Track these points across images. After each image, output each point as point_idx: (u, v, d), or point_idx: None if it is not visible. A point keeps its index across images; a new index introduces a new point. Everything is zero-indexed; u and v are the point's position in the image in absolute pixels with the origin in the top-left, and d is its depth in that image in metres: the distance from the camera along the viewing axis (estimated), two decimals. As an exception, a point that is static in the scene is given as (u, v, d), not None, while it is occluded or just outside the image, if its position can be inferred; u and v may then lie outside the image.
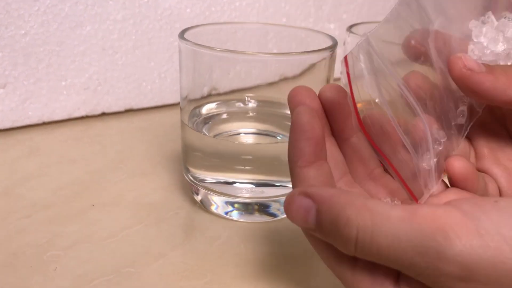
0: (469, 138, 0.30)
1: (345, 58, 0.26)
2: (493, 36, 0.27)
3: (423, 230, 0.20)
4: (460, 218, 0.20)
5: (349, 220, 0.21)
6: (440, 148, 0.27)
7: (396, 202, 0.27)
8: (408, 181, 0.27)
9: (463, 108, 0.28)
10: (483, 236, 0.20)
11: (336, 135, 0.29)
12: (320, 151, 0.26)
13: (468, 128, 0.28)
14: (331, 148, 0.28)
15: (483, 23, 0.28)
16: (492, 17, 0.28)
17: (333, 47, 0.36)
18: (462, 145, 0.29)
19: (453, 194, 0.27)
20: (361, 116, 0.28)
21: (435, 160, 0.26)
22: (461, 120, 0.28)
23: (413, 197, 0.27)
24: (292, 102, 0.27)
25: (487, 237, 0.20)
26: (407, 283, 0.22)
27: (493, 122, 0.30)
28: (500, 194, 0.29)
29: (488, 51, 0.27)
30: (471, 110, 0.28)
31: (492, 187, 0.28)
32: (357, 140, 0.29)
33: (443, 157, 0.27)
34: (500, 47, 0.27)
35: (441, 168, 0.27)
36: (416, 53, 0.28)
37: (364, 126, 0.28)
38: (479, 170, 0.29)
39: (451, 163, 0.27)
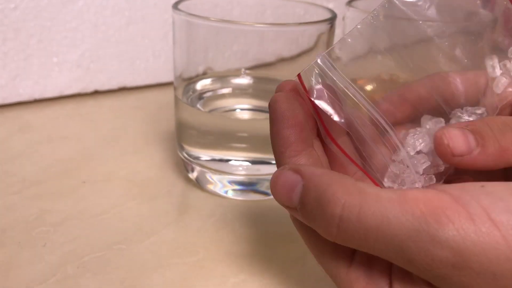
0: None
1: (299, 76, 0.24)
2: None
3: (414, 213, 0.19)
4: (451, 202, 0.19)
5: (335, 197, 0.20)
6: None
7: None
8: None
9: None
10: (475, 221, 0.19)
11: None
12: (306, 138, 0.24)
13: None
14: (318, 147, 0.26)
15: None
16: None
17: (332, 20, 0.35)
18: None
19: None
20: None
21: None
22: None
23: None
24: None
25: (479, 222, 0.19)
26: (400, 284, 0.21)
27: None
28: None
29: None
30: None
31: None
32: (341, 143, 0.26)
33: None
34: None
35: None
36: None
37: (333, 137, 0.25)
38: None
39: None
